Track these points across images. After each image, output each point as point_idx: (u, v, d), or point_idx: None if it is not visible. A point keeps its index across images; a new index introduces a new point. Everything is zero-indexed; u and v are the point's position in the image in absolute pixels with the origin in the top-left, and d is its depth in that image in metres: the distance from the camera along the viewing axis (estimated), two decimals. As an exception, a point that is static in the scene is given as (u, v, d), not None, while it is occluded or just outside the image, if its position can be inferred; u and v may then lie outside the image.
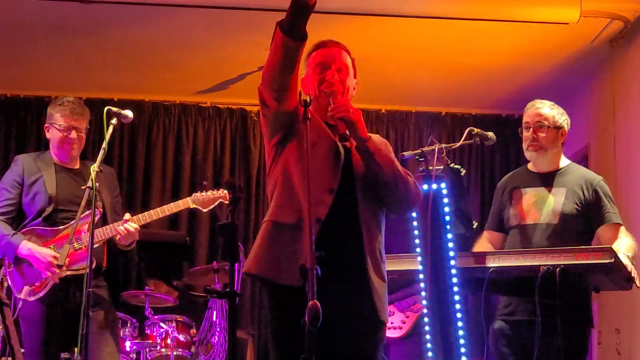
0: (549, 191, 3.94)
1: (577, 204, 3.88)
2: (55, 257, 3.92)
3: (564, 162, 4.05)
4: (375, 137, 3.08)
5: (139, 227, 4.06)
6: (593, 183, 3.94)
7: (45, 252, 3.95)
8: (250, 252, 2.97)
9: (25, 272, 4.00)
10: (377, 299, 2.91)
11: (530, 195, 3.97)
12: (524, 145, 4.01)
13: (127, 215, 4.12)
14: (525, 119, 4.03)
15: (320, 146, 2.95)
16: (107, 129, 3.84)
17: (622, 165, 5.69)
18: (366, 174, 2.96)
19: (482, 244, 4.02)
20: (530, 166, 4.09)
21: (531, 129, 3.97)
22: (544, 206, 3.92)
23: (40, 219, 4.05)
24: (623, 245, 3.68)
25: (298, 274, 2.64)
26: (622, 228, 3.87)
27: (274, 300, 2.93)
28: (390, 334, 4.75)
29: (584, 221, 3.90)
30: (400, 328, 4.73)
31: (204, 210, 4.39)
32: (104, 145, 3.83)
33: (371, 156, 2.92)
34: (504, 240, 4.04)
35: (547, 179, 3.98)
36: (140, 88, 6.76)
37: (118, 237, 4.06)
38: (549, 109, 4.01)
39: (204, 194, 4.38)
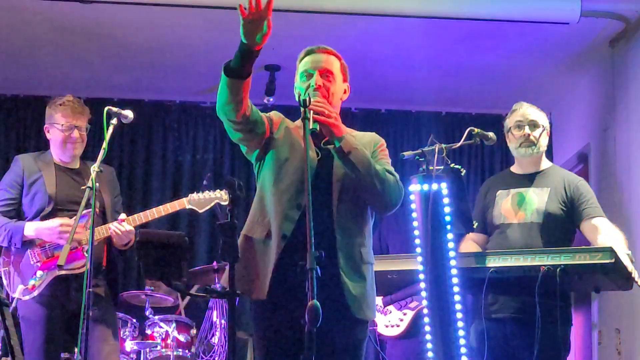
0: (533, 191, 3.99)
1: (560, 203, 3.94)
2: (61, 224, 3.92)
3: (546, 163, 4.13)
4: (362, 136, 3.17)
5: (133, 228, 4.06)
6: (574, 181, 4.02)
7: (51, 223, 3.96)
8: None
9: (21, 271, 4.00)
10: (352, 299, 2.96)
11: (514, 195, 4.03)
12: (515, 144, 4.08)
13: (122, 216, 4.12)
14: (517, 117, 4.09)
15: (292, 161, 3.04)
16: (107, 129, 3.85)
17: (622, 165, 5.68)
18: (345, 175, 3.01)
19: (469, 246, 4.04)
20: (513, 168, 4.17)
21: (525, 127, 4.01)
22: (528, 205, 3.98)
23: (39, 219, 4.05)
24: (617, 242, 3.69)
25: (265, 288, 2.89)
26: (605, 220, 3.89)
27: (252, 312, 3.08)
28: (387, 332, 4.75)
29: (568, 220, 3.95)
30: (398, 326, 4.72)
31: (200, 211, 4.40)
32: (104, 145, 3.83)
33: (345, 156, 2.97)
34: (487, 242, 4.08)
35: (530, 180, 4.05)
36: (140, 88, 6.76)
37: (114, 238, 4.06)
38: (538, 111, 4.10)
39: (200, 194, 4.37)
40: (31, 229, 3.99)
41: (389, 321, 4.74)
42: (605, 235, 3.78)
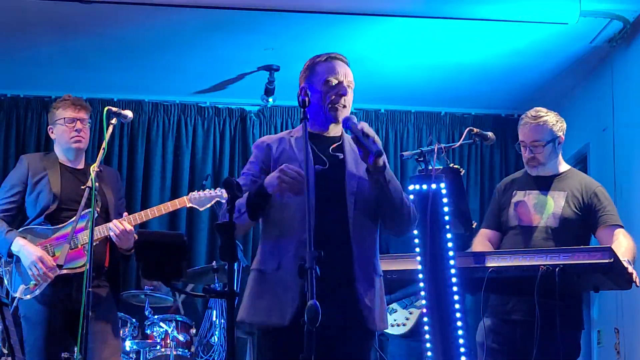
0: (550, 195, 3.94)
1: (576, 208, 3.88)
2: (42, 258, 3.92)
3: (564, 167, 4.05)
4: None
5: (132, 228, 4.04)
6: (592, 187, 3.94)
7: (33, 250, 3.95)
8: (242, 300, 3.06)
9: (22, 270, 4.00)
10: (367, 310, 2.97)
11: (530, 197, 3.97)
12: (524, 160, 4.01)
13: (124, 214, 4.12)
14: (520, 137, 3.99)
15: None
16: (107, 129, 3.85)
17: (621, 165, 5.69)
18: (359, 187, 3.01)
19: (482, 242, 4.03)
20: (533, 174, 4.10)
21: (528, 149, 3.96)
22: (544, 209, 3.93)
23: (42, 218, 4.05)
24: (622, 249, 3.66)
25: (286, 315, 2.85)
26: (621, 230, 3.84)
27: (265, 340, 3.03)
28: (393, 331, 4.74)
29: (583, 225, 3.90)
30: (404, 325, 4.72)
31: (201, 209, 4.40)
32: (104, 145, 3.84)
33: (386, 185, 2.95)
34: (501, 240, 4.06)
35: (548, 183, 3.98)
36: (140, 88, 6.76)
37: (114, 237, 4.03)
38: (542, 125, 3.93)
39: (200, 192, 4.37)
40: (17, 245, 3.99)
41: (395, 320, 4.73)
42: (617, 244, 3.72)
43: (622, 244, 3.73)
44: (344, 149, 3.09)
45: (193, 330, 5.58)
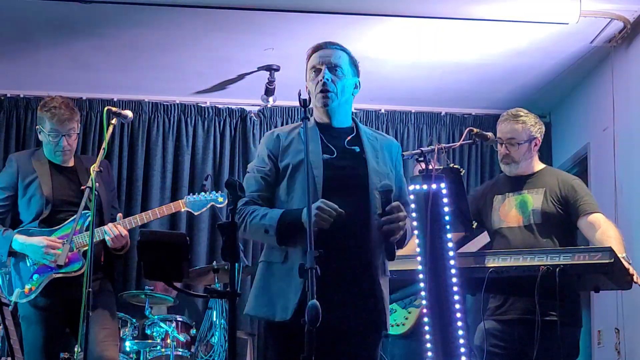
0: (529, 193, 4.02)
1: (555, 202, 3.97)
2: (49, 243, 3.91)
3: (539, 166, 4.16)
4: (384, 139, 3.24)
5: (127, 232, 4.02)
6: (569, 181, 4.05)
7: (37, 239, 3.94)
8: (250, 292, 3.10)
9: (18, 274, 3.98)
10: (385, 311, 3.01)
11: (511, 199, 4.05)
12: (499, 157, 4.12)
13: (119, 216, 4.09)
14: (497, 134, 4.10)
15: (300, 172, 3.00)
16: (107, 129, 3.83)
17: (622, 165, 5.69)
18: (382, 186, 3.00)
19: None
20: (507, 172, 4.15)
21: (503, 145, 4.05)
22: (525, 208, 3.99)
23: (37, 222, 4.02)
24: (612, 240, 3.68)
25: (289, 309, 2.86)
26: (601, 215, 3.91)
27: (269, 334, 3.06)
28: (392, 331, 4.73)
29: (566, 219, 3.98)
30: (403, 325, 4.71)
31: (195, 213, 4.36)
32: (104, 145, 3.83)
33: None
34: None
35: (525, 182, 4.08)
36: (140, 88, 6.76)
37: (108, 240, 4.01)
38: (520, 124, 4.06)
39: (196, 196, 4.34)
40: (18, 243, 3.97)
41: (395, 320, 4.73)
42: (602, 233, 3.78)
43: (609, 234, 3.76)
44: (361, 143, 3.11)
45: (193, 330, 5.58)
